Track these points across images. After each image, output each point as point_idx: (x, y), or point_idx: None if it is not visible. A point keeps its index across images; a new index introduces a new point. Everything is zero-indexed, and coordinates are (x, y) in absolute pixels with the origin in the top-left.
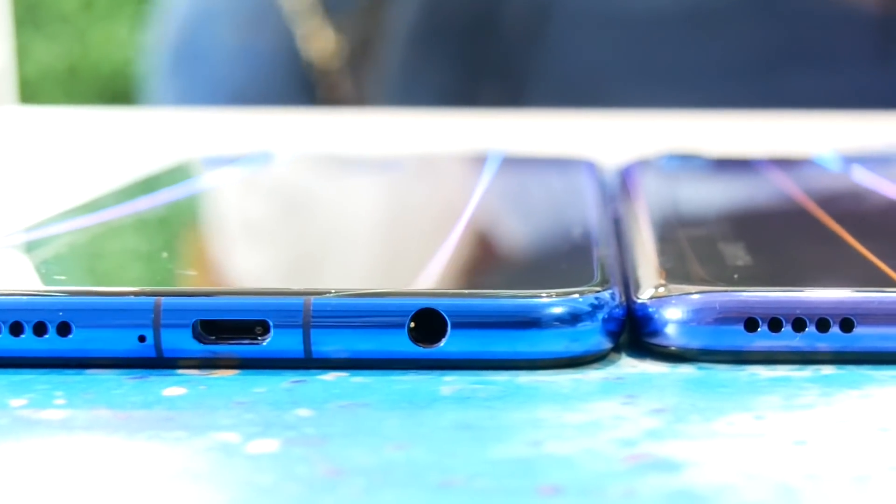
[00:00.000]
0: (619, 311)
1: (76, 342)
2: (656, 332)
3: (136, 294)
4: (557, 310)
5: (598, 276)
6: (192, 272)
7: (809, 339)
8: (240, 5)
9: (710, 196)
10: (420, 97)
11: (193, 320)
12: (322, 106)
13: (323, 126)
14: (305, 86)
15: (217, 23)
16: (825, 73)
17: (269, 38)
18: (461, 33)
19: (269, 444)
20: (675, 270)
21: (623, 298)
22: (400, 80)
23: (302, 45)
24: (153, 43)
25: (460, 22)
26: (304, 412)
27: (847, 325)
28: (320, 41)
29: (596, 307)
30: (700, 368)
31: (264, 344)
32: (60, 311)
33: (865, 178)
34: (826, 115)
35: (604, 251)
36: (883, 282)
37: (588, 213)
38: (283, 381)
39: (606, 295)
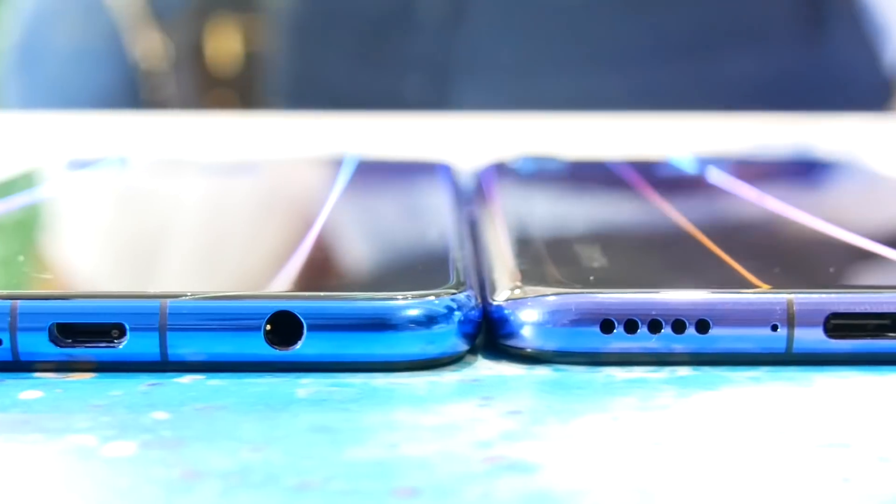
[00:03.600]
0: (475, 314)
1: None
2: (512, 333)
3: None
4: (413, 312)
5: (453, 279)
6: (48, 276)
7: (665, 340)
8: (73, 7)
9: (566, 198)
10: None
11: (50, 324)
12: (148, 108)
13: (174, 130)
14: (135, 88)
15: (53, 25)
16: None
17: (101, 40)
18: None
19: (125, 447)
20: (530, 272)
21: (479, 300)
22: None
23: (130, 47)
24: (2, 45)
25: (311, 22)
26: (160, 415)
27: (703, 327)
28: (146, 44)
29: (452, 309)
30: (556, 370)
31: (121, 347)
32: None
33: (720, 180)
34: (679, 116)
35: (460, 253)
36: (738, 283)
37: (444, 215)
38: (140, 384)
39: (462, 297)
